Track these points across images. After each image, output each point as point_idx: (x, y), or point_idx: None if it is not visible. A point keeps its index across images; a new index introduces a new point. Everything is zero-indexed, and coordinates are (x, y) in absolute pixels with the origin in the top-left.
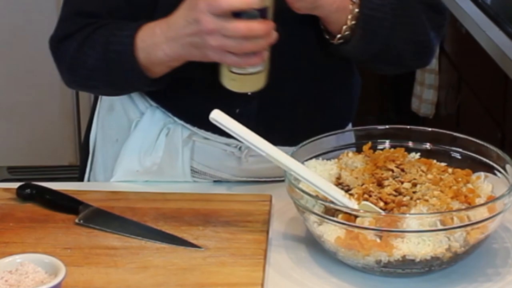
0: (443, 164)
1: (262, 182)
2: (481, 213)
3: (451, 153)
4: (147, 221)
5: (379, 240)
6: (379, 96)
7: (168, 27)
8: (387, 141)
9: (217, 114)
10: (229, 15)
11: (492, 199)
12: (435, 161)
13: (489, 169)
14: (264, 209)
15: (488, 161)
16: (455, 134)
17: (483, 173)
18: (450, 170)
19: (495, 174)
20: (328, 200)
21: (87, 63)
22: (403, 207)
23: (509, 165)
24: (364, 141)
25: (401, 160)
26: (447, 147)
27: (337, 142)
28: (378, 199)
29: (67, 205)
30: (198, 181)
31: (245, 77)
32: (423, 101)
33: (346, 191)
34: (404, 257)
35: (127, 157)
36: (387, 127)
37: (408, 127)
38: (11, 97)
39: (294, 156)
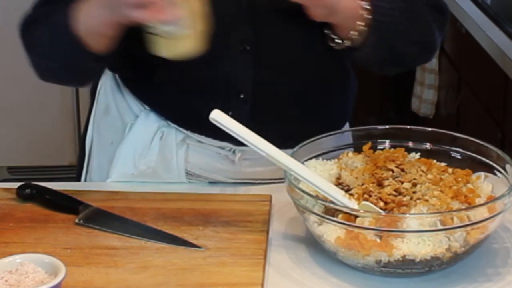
0: (443, 164)
1: (259, 183)
2: (481, 213)
3: (451, 153)
4: (147, 221)
5: (379, 240)
6: (379, 96)
7: None
8: (387, 141)
9: (217, 114)
10: None
11: (492, 199)
12: (435, 161)
13: (489, 169)
14: (264, 209)
15: (488, 161)
16: (455, 134)
17: (483, 173)
18: (450, 170)
19: (495, 174)
20: (328, 200)
21: (39, 40)
22: (403, 207)
23: (509, 165)
24: (364, 141)
25: (401, 160)
26: (447, 147)
27: (337, 142)
28: (378, 199)
29: (67, 205)
30: (194, 183)
31: (169, 41)
32: (423, 101)
33: (346, 191)
34: (404, 257)
35: (122, 161)
36: (387, 127)
37: (408, 127)
38: (11, 97)
39: (294, 156)
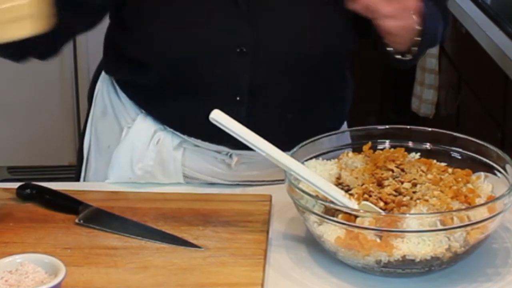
0: (443, 164)
1: (256, 185)
2: (481, 213)
3: (451, 153)
4: (147, 221)
5: (379, 240)
6: (379, 96)
7: None
8: (387, 141)
9: (217, 114)
10: None
11: (492, 199)
12: (435, 161)
13: (489, 169)
14: (264, 209)
15: (488, 161)
16: (455, 134)
17: (483, 173)
18: (450, 170)
19: (495, 174)
20: (328, 200)
21: None
22: (403, 207)
23: (509, 165)
24: (364, 141)
25: (401, 160)
26: (447, 147)
27: (337, 142)
28: (378, 199)
29: (67, 205)
30: (194, 184)
31: (5, 24)
32: (423, 101)
33: (346, 191)
34: (404, 257)
35: (119, 165)
36: (387, 127)
37: (408, 127)
38: (11, 97)
39: (294, 156)
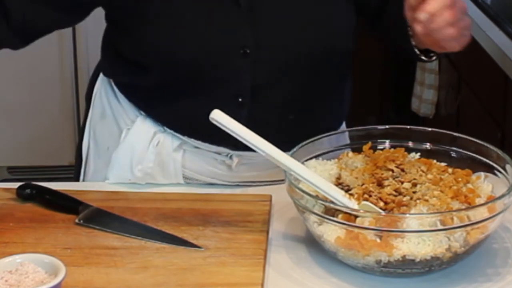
0: (443, 164)
1: (256, 185)
2: (481, 213)
3: (451, 153)
4: (147, 221)
5: (379, 240)
6: (379, 96)
7: None
8: (387, 141)
9: (217, 114)
10: None
11: (492, 199)
12: (435, 161)
13: (489, 169)
14: (264, 209)
15: (488, 161)
16: (455, 134)
17: (483, 173)
18: (450, 170)
19: (495, 174)
20: (328, 200)
21: None
22: (403, 207)
23: (509, 165)
24: (364, 141)
25: (401, 160)
26: (447, 147)
27: (337, 142)
28: (378, 199)
29: (67, 205)
30: (194, 184)
31: None
32: (423, 101)
33: (346, 191)
34: (404, 257)
35: (118, 167)
36: (387, 127)
37: (408, 127)
38: (11, 97)
39: (294, 156)
